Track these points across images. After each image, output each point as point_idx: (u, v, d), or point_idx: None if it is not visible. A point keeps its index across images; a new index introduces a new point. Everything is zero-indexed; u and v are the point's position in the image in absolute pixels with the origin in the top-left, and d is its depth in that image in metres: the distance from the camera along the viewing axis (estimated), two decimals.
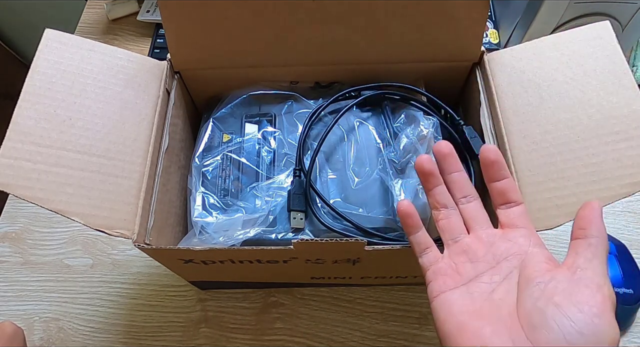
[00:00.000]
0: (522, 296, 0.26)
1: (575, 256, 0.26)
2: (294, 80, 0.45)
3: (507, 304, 0.26)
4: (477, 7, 0.37)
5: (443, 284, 0.29)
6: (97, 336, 0.48)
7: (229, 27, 0.39)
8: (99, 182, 0.34)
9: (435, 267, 0.30)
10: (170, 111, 0.40)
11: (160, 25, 0.66)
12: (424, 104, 0.42)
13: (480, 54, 0.41)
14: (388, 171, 0.39)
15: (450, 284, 0.28)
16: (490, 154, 0.30)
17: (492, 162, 0.30)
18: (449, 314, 0.27)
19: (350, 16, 0.38)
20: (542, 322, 0.24)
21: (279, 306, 0.49)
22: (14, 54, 1.08)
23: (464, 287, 0.28)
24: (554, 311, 0.24)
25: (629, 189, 0.33)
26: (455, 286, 0.28)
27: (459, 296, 0.28)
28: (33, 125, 0.34)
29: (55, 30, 0.38)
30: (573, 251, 0.26)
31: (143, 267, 0.51)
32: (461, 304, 0.27)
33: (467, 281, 0.28)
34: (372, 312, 0.48)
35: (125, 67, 0.39)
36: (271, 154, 0.42)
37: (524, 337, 0.24)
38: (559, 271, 0.26)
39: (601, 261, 0.26)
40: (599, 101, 0.36)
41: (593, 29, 0.38)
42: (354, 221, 0.37)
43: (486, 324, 0.26)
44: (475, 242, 0.30)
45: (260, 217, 0.38)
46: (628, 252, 0.48)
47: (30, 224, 0.54)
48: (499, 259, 0.28)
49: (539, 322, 0.24)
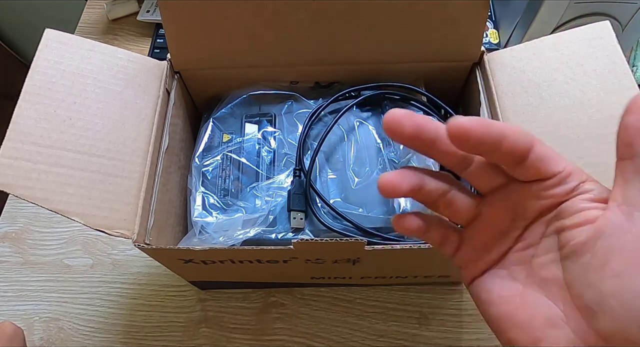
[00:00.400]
0: (568, 265, 0.19)
1: (624, 186, 0.18)
2: (294, 80, 0.45)
3: (554, 278, 0.20)
4: (477, 7, 0.37)
5: (474, 268, 0.23)
6: (97, 336, 0.48)
7: (229, 27, 0.39)
8: (99, 182, 0.34)
9: (460, 255, 0.23)
10: (170, 111, 0.40)
11: (160, 25, 0.66)
12: (424, 104, 0.42)
13: (480, 54, 0.41)
14: (388, 171, 0.39)
15: (482, 266, 0.22)
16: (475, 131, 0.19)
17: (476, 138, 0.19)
18: (490, 304, 0.21)
19: (350, 16, 0.38)
20: (601, 304, 0.17)
21: (279, 306, 0.49)
22: (14, 54, 1.08)
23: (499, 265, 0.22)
24: (612, 285, 0.17)
25: None
26: (488, 267, 0.22)
27: (497, 278, 0.22)
28: (33, 125, 0.34)
29: (55, 30, 0.38)
30: (621, 178, 0.18)
31: (143, 267, 0.51)
32: (500, 287, 0.21)
33: (500, 255, 0.22)
34: (372, 312, 0.48)
35: (125, 67, 0.39)
36: (271, 154, 0.42)
37: (584, 324, 0.18)
38: (608, 215, 0.18)
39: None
40: (599, 101, 0.36)
41: (593, 29, 0.38)
42: (354, 221, 0.37)
43: (535, 311, 0.20)
44: (497, 210, 0.22)
45: (260, 217, 0.38)
46: None
47: (30, 224, 0.54)
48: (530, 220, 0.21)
49: (597, 305, 0.17)
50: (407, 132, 0.19)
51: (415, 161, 0.39)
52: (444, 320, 0.48)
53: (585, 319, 0.18)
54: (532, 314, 0.20)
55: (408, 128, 0.19)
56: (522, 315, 0.20)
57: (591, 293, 0.18)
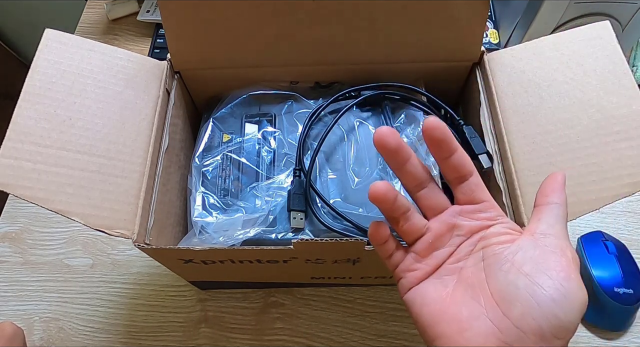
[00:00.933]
0: (492, 270, 0.26)
1: (537, 222, 0.26)
2: (294, 80, 0.45)
3: (478, 282, 0.26)
4: (477, 7, 0.37)
5: (412, 278, 0.28)
6: (97, 336, 0.48)
7: (229, 27, 0.39)
8: (99, 182, 0.34)
9: (402, 266, 0.29)
10: (170, 111, 0.40)
11: (160, 25, 0.66)
12: (424, 104, 0.42)
13: (480, 54, 0.41)
14: (388, 171, 0.39)
15: (420, 276, 0.28)
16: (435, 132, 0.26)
17: (438, 140, 0.27)
18: (423, 305, 0.27)
19: (350, 16, 0.38)
20: (516, 295, 0.24)
21: (279, 306, 0.49)
22: (14, 54, 1.08)
23: (433, 275, 0.28)
24: (525, 281, 0.24)
25: (629, 189, 0.33)
26: (424, 277, 0.28)
27: (430, 285, 0.27)
28: (33, 125, 0.34)
29: (55, 30, 0.38)
30: (536, 218, 0.27)
31: (143, 267, 0.51)
32: (433, 291, 0.27)
33: (435, 268, 0.28)
34: (372, 312, 0.48)
35: (125, 67, 0.39)
36: (271, 154, 0.42)
37: (501, 314, 0.24)
38: (523, 239, 0.26)
39: (563, 225, 0.26)
40: (599, 101, 0.36)
41: (593, 29, 0.39)
42: (354, 221, 0.37)
43: (462, 308, 0.25)
44: (438, 229, 0.28)
45: (260, 217, 0.38)
46: (628, 252, 0.48)
47: (30, 224, 0.54)
48: (462, 239, 0.28)
49: (513, 295, 0.24)
50: (391, 146, 0.27)
51: None
52: None
53: (502, 309, 0.24)
54: (459, 310, 0.25)
55: (392, 143, 0.27)
56: (451, 311, 0.26)
57: (509, 288, 0.24)
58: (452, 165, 0.28)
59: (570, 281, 0.23)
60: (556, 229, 0.26)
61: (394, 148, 0.27)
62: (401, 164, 0.28)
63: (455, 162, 0.28)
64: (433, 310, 0.26)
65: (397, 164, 0.28)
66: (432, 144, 0.27)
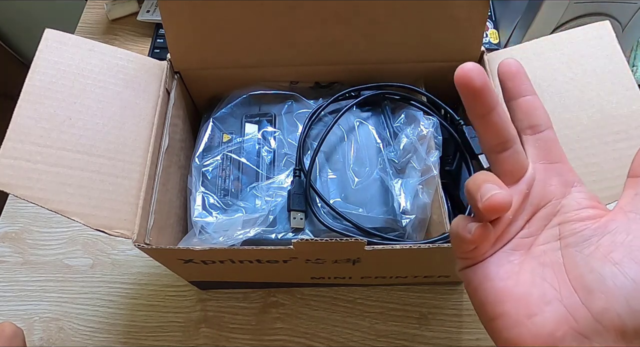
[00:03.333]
0: (570, 253, 0.22)
1: (634, 197, 0.22)
2: (294, 80, 0.45)
3: (553, 263, 0.22)
4: (477, 7, 0.38)
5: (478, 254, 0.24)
6: (97, 336, 0.48)
7: (229, 27, 0.39)
8: (99, 182, 0.34)
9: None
10: (170, 111, 0.40)
11: (160, 25, 0.66)
12: (424, 104, 0.42)
13: (480, 54, 0.41)
14: (388, 171, 0.39)
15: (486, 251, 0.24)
16: (510, 67, 0.24)
17: (513, 75, 0.24)
18: (486, 280, 0.23)
19: (350, 16, 0.38)
20: (599, 284, 0.20)
21: (279, 306, 0.49)
22: (14, 54, 1.08)
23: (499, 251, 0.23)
24: (612, 271, 0.20)
25: None
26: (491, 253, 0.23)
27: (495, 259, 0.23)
28: (33, 125, 0.34)
29: (55, 30, 0.38)
30: (631, 191, 0.22)
31: (143, 267, 0.51)
32: (498, 267, 0.23)
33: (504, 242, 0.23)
34: (372, 312, 0.48)
35: (125, 67, 0.39)
36: (271, 154, 0.42)
37: (579, 302, 0.20)
38: (612, 218, 0.22)
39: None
40: (599, 101, 0.36)
41: (593, 29, 0.39)
42: (354, 220, 0.37)
43: (532, 289, 0.22)
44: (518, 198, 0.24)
45: (260, 217, 0.38)
46: None
47: (30, 224, 0.54)
48: (535, 209, 0.23)
49: (596, 284, 0.20)
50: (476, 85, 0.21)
51: (415, 161, 0.39)
52: (444, 320, 0.48)
53: (582, 298, 0.20)
54: (528, 291, 0.22)
55: (478, 82, 0.21)
56: (518, 291, 0.22)
57: (592, 276, 0.20)
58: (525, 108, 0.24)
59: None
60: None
61: (480, 87, 0.21)
62: (486, 112, 0.22)
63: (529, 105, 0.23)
64: (497, 287, 0.22)
65: (480, 111, 0.22)
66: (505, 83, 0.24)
